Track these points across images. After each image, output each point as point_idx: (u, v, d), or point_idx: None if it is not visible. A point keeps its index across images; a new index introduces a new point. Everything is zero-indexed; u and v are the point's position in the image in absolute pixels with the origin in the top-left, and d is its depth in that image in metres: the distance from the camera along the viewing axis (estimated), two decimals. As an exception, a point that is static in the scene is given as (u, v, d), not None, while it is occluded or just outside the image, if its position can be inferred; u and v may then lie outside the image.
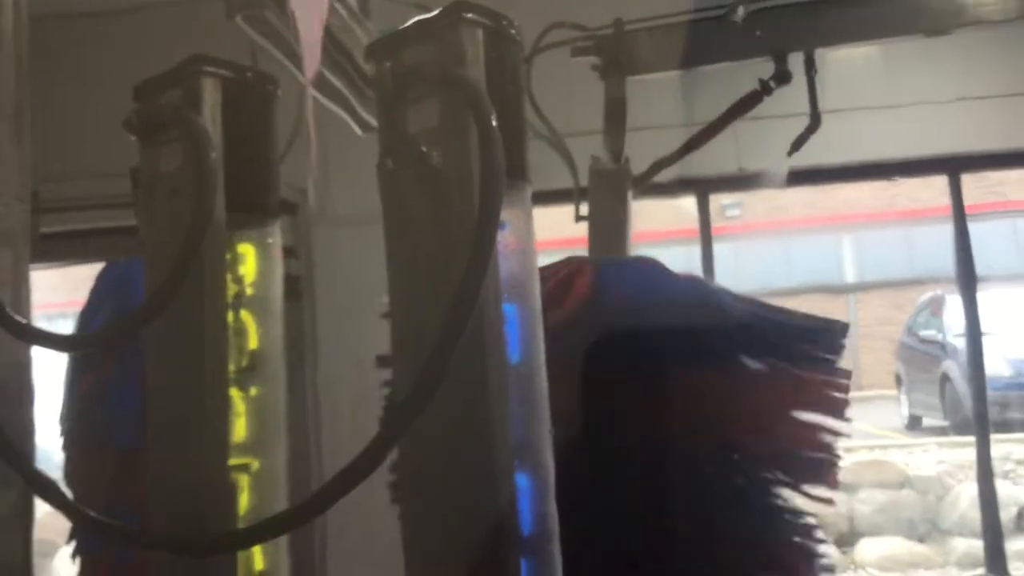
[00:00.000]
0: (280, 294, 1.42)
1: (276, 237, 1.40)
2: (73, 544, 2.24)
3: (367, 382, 2.14)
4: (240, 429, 1.32)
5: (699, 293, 2.18)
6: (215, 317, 1.27)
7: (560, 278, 2.09)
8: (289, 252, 4.14)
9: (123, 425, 2.59)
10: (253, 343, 1.35)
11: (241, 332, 1.34)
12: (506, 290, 1.18)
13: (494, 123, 1.09)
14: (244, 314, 1.34)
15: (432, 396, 1.04)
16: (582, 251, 2.53)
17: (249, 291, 1.36)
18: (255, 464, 1.33)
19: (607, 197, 2.59)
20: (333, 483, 1.12)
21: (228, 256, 1.31)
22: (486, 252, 1.08)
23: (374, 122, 1.35)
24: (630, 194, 2.66)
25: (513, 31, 1.19)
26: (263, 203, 1.38)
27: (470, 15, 1.14)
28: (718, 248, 5.47)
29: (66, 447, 2.64)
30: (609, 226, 2.58)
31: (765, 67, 2.73)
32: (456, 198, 1.14)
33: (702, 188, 5.30)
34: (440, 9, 1.17)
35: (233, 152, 1.29)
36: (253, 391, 1.34)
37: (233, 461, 1.29)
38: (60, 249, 4.87)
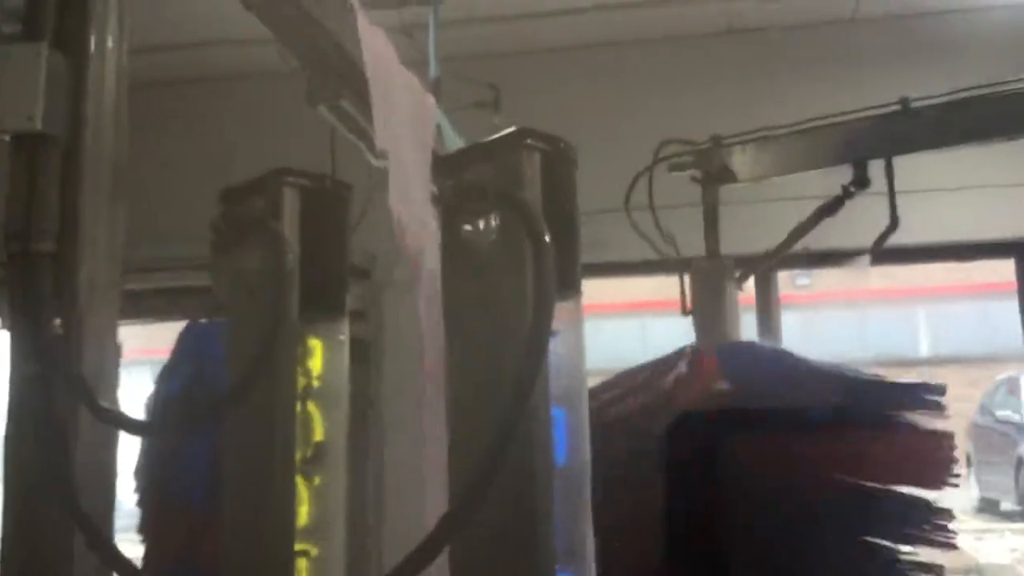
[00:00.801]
0: (346, 387, 1.51)
1: (345, 333, 1.50)
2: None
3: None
4: (303, 516, 1.40)
5: (808, 363, 2.38)
6: (285, 409, 1.37)
7: (685, 363, 2.33)
8: (359, 316, 4.26)
9: (197, 489, 2.71)
10: (319, 434, 1.43)
11: (307, 423, 1.43)
12: (556, 395, 1.25)
13: (547, 241, 1.16)
14: (311, 406, 1.43)
15: (482, 501, 1.11)
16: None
17: (316, 384, 1.45)
18: (314, 550, 1.40)
19: (707, 290, 2.96)
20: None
21: (299, 350, 1.41)
22: (537, 360, 1.15)
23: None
24: (730, 286, 3.01)
25: (570, 154, 1.28)
26: (334, 303, 1.48)
27: (530, 140, 1.23)
28: (787, 318, 5.47)
29: (140, 503, 2.76)
30: (711, 316, 2.93)
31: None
32: (511, 309, 1.22)
33: (752, 264, 5.33)
34: (503, 133, 1.26)
35: (309, 256, 1.39)
36: (316, 480, 1.42)
37: (296, 547, 1.37)
38: (142, 306, 5.09)
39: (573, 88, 5.21)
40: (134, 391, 3.14)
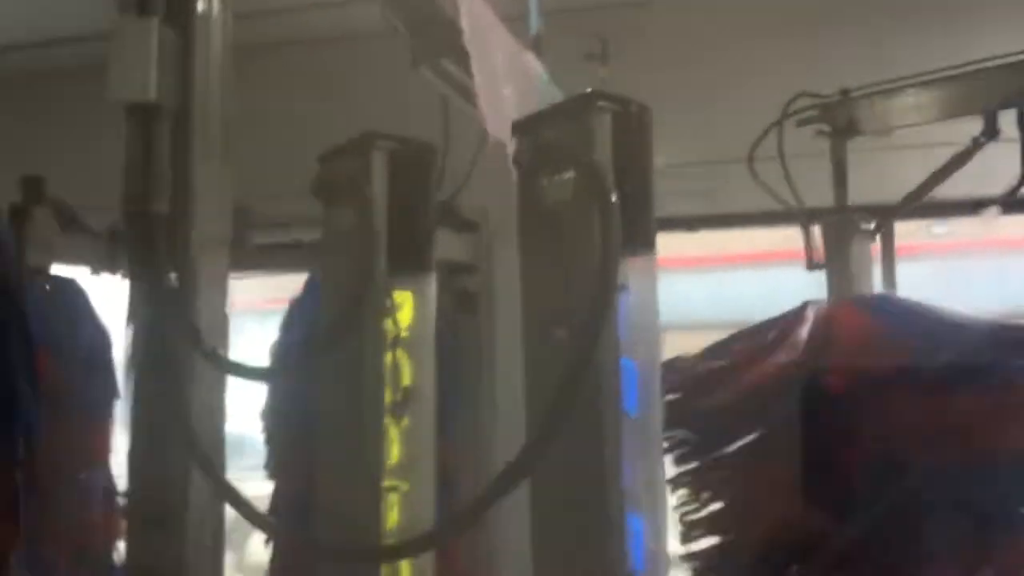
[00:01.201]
0: (432, 337, 1.60)
1: (431, 287, 1.58)
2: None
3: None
4: (392, 455, 1.51)
5: (952, 315, 2.35)
6: (374, 356, 1.47)
7: (821, 318, 2.37)
8: (468, 269, 4.38)
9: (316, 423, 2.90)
10: (407, 380, 1.53)
11: (396, 369, 1.52)
12: (626, 347, 1.30)
13: (613, 200, 1.21)
14: (400, 354, 1.53)
15: (550, 441, 1.18)
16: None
17: (405, 334, 1.54)
18: (404, 486, 1.51)
19: (837, 245, 2.93)
20: (468, 511, 1.29)
21: (388, 303, 1.50)
22: (603, 312, 1.21)
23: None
24: (861, 240, 2.98)
25: (643, 116, 1.31)
26: (421, 258, 1.57)
27: (601, 102, 1.28)
28: (922, 268, 5.33)
29: (268, 442, 2.97)
30: (842, 270, 2.90)
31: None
32: (583, 265, 1.27)
33: (885, 215, 5.19)
34: (576, 95, 1.31)
35: (397, 215, 1.48)
36: (404, 422, 1.52)
37: (386, 483, 1.48)
38: (267, 259, 5.35)
39: (684, 38, 5.14)
40: (265, 338, 3.35)
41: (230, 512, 1.56)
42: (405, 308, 1.54)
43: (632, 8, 5.27)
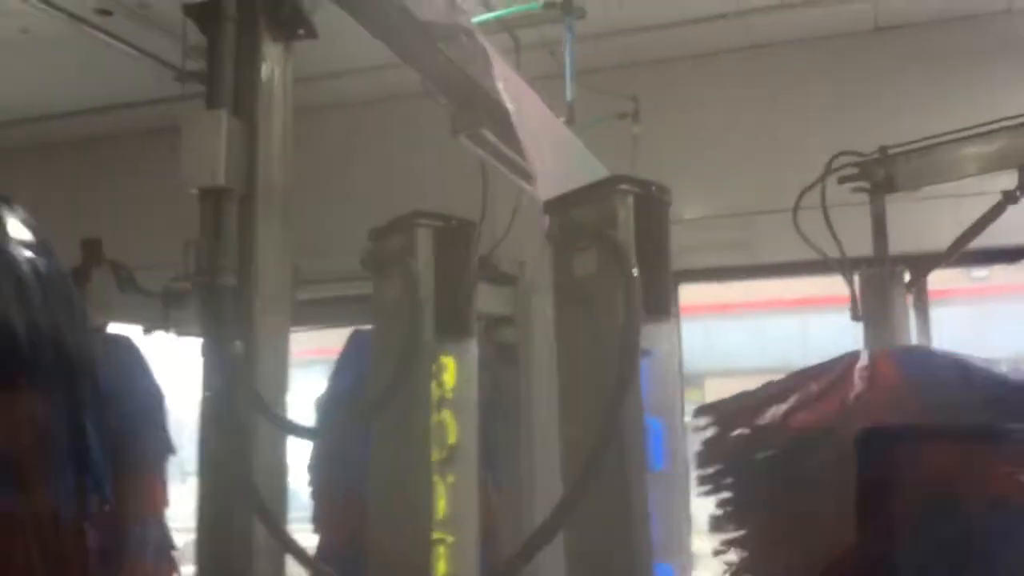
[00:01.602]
0: (475, 397, 1.72)
1: (473, 351, 1.71)
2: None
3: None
4: (440, 509, 1.63)
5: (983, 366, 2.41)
6: (421, 417, 1.60)
7: (865, 366, 2.45)
8: (507, 321, 4.50)
9: (364, 483, 3.02)
10: (452, 438, 1.66)
11: (442, 429, 1.65)
12: (651, 407, 1.42)
13: (635, 274, 1.34)
14: (446, 413, 1.66)
15: (581, 497, 1.30)
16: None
17: (450, 395, 1.67)
18: (450, 538, 1.63)
19: (876, 296, 3.07)
20: (511, 561, 1.40)
21: (434, 367, 1.64)
22: (628, 375, 1.34)
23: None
24: (899, 291, 3.11)
25: (662, 196, 1.45)
26: (463, 325, 1.70)
27: (624, 185, 1.42)
28: (963, 311, 5.38)
29: (314, 495, 3.09)
30: (881, 321, 3.04)
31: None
32: (609, 332, 1.40)
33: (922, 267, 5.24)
34: (602, 179, 1.45)
35: (440, 286, 1.62)
36: (450, 478, 1.64)
37: (433, 535, 1.60)
38: (313, 314, 5.52)
39: (714, 94, 5.27)
40: (309, 387, 3.49)
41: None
42: (449, 371, 1.68)
43: (663, 65, 5.43)
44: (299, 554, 1.54)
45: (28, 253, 2.17)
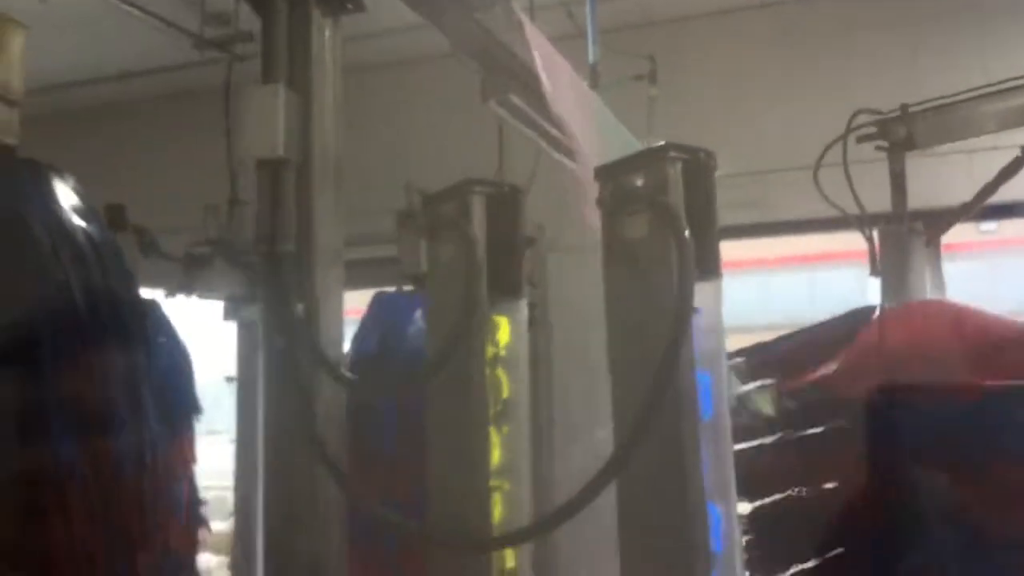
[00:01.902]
0: (526, 354, 1.82)
1: (524, 311, 1.81)
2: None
3: (597, 392, 2.54)
4: (495, 458, 1.73)
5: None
6: (478, 373, 1.70)
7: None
8: (527, 281, 4.59)
9: (388, 437, 3.12)
10: (505, 393, 1.76)
11: (496, 384, 1.75)
12: (700, 361, 1.52)
13: (687, 236, 1.43)
14: (499, 370, 1.76)
15: (639, 444, 1.40)
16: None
17: (503, 353, 1.77)
18: (506, 486, 1.73)
19: (895, 253, 3.17)
20: (566, 507, 1.51)
21: (487, 326, 1.73)
22: (682, 333, 1.43)
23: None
24: (918, 249, 3.23)
25: (709, 162, 1.53)
26: (514, 286, 1.79)
27: (673, 152, 1.50)
28: (972, 266, 5.45)
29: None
30: (900, 278, 3.14)
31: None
32: (661, 292, 1.49)
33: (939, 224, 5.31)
34: (652, 147, 1.53)
35: (492, 249, 1.71)
36: (505, 429, 1.74)
37: (490, 483, 1.71)
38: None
39: (729, 52, 5.32)
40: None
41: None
42: (502, 330, 1.77)
43: (679, 24, 5.47)
44: (364, 502, 1.65)
45: (81, 221, 2.26)
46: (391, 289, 4.06)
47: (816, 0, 5.27)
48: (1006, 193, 3.57)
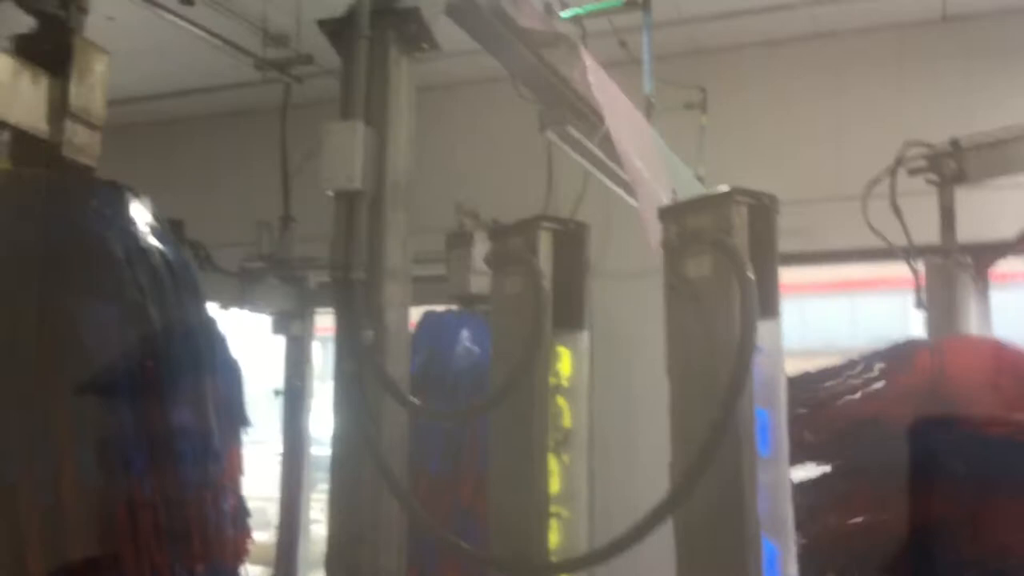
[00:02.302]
0: (587, 384, 1.88)
1: (586, 343, 1.87)
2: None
3: (637, 419, 2.51)
4: (555, 485, 1.79)
5: None
6: (541, 403, 1.76)
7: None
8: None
9: (432, 454, 3.18)
10: (567, 423, 1.82)
11: (558, 414, 1.81)
12: (759, 398, 1.57)
13: (751, 278, 1.48)
14: (560, 400, 1.82)
15: (699, 480, 1.45)
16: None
17: (565, 383, 1.83)
18: (565, 513, 1.79)
19: (942, 287, 3.15)
20: (624, 537, 1.56)
21: (551, 357, 1.79)
22: (744, 371, 1.48)
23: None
24: (964, 282, 3.21)
25: (772, 205, 1.58)
26: (577, 319, 1.86)
27: (739, 196, 1.55)
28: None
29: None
30: (945, 311, 3.13)
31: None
32: (723, 330, 1.54)
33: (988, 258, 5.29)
34: (717, 190, 1.59)
35: (558, 282, 1.78)
36: (565, 458, 1.80)
37: (550, 509, 1.76)
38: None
39: (779, 82, 5.35)
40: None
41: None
42: (564, 360, 1.83)
43: (729, 53, 5.50)
44: (425, 521, 1.71)
45: (157, 241, 2.35)
46: (439, 308, 4.12)
47: (868, 31, 5.28)
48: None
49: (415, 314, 3.95)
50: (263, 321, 5.15)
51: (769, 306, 1.58)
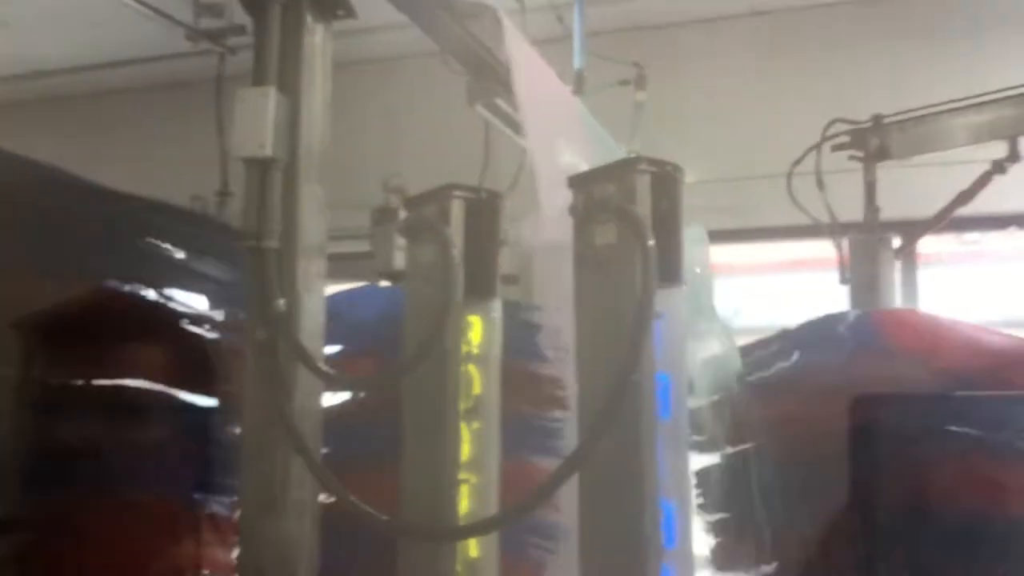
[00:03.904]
0: (498, 352, 1.89)
1: (497, 311, 1.88)
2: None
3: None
4: (465, 452, 1.81)
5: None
6: (453, 371, 1.77)
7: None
8: (510, 280, 4.67)
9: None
10: (477, 390, 1.83)
11: (468, 381, 1.83)
12: (661, 363, 1.60)
13: (651, 245, 1.51)
14: (471, 368, 1.83)
15: (600, 439, 1.48)
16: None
17: (476, 351, 1.84)
18: (474, 479, 1.81)
19: (865, 263, 3.23)
20: (529, 500, 1.59)
21: (461, 325, 1.81)
22: (641, 335, 1.51)
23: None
24: (888, 258, 3.27)
25: (676, 174, 1.61)
26: (488, 287, 1.87)
27: (642, 165, 1.58)
28: (954, 275, 5.55)
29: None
30: (869, 285, 3.21)
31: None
32: (624, 296, 1.57)
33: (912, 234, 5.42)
34: (621, 159, 1.61)
35: (469, 251, 1.79)
36: (475, 425, 1.82)
37: (459, 475, 1.78)
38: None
39: (714, 60, 5.39)
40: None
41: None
42: (475, 329, 1.85)
43: (666, 31, 5.54)
44: (335, 488, 1.72)
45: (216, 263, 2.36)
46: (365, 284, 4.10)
47: (802, 10, 5.35)
48: (986, 205, 3.67)
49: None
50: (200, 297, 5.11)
51: (671, 274, 1.61)
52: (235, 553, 1.93)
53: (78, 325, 2.22)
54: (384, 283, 3.84)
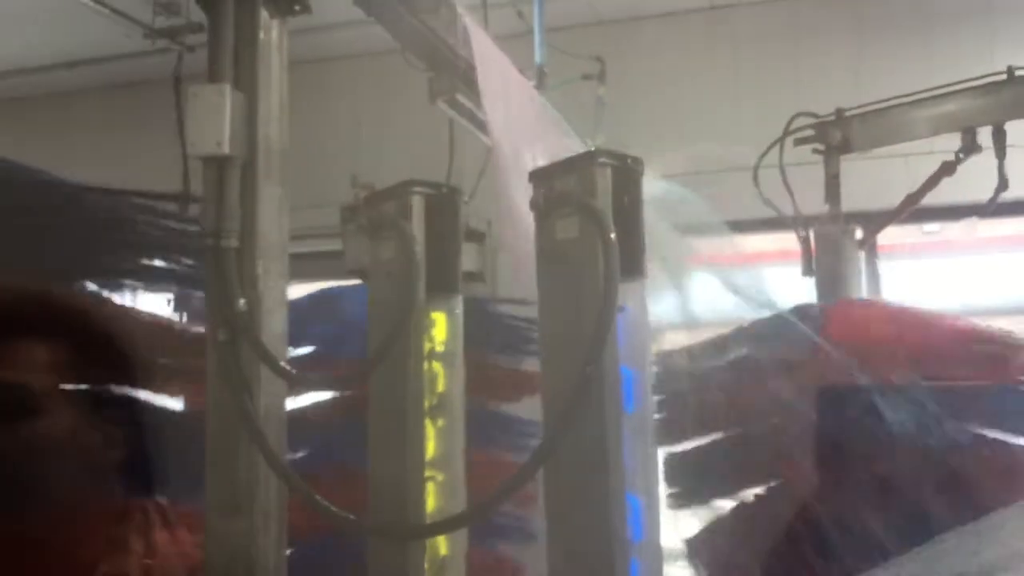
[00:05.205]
0: (461, 349, 1.89)
1: (460, 307, 1.87)
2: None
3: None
4: (430, 450, 1.80)
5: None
6: (415, 368, 1.76)
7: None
8: (475, 277, 4.68)
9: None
10: (441, 387, 1.82)
11: (432, 378, 1.82)
12: (625, 357, 1.59)
13: (613, 238, 1.51)
14: (435, 365, 1.82)
15: (565, 433, 1.47)
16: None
17: (439, 347, 1.83)
18: (440, 476, 1.80)
19: (830, 254, 3.27)
20: (496, 496, 1.58)
21: (424, 322, 1.79)
22: (605, 329, 1.50)
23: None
24: (852, 249, 3.31)
25: (637, 168, 1.61)
26: (451, 283, 1.86)
27: (603, 159, 1.57)
28: (915, 265, 5.61)
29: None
30: (834, 277, 3.25)
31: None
32: (587, 290, 1.56)
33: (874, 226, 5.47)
34: (582, 153, 1.60)
35: (431, 247, 1.78)
36: (440, 422, 1.81)
37: (425, 473, 1.77)
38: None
39: (676, 54, 5.41)
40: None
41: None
42: (439, 326, 1.84)
43: (628, 25, 5.55)
44: (299, 488, 1.70)
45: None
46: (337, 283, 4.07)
47: (765, 4, 5.38)
48: (946, 196, 3.71)
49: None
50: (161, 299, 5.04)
51: (634, 267, 1.61)
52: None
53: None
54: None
